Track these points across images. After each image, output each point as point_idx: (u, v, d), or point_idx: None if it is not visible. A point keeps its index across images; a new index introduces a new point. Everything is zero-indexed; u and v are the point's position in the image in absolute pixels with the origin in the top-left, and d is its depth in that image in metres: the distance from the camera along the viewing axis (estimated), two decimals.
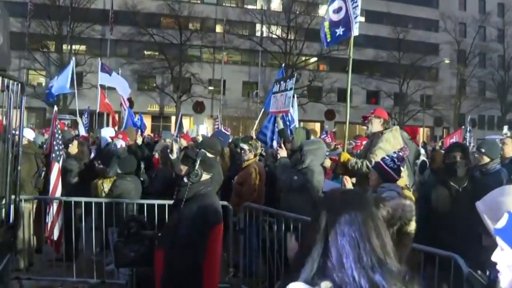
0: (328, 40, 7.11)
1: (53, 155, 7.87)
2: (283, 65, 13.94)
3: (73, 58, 17.65)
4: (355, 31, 6.83)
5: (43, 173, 8.07)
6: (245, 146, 7.97)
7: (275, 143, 9.92)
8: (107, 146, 10.02)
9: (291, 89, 9.11)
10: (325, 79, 50.61)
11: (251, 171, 7.86)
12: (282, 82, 9.44)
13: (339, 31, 6.98)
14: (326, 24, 7.14)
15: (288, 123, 10.08)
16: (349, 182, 5.54)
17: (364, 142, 8.25)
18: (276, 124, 9.38)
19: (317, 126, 45.45)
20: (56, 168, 7.82)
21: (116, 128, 13.88)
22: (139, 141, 11.37)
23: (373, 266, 1.60)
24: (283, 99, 8.96)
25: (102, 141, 10.69)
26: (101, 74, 16.21)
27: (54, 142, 7.93)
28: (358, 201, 1.81)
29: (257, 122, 14.43)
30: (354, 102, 46.15)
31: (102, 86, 16.57)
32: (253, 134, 10.83)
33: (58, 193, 7.79)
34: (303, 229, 5.84)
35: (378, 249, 1.66)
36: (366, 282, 1.57)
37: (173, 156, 5.20)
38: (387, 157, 5.07)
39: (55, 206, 7.69)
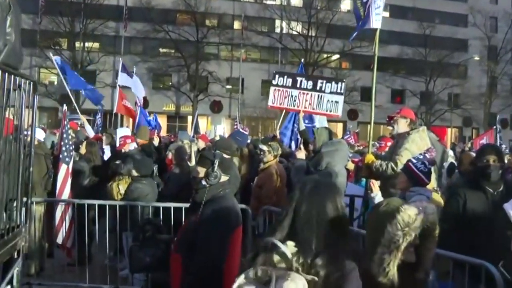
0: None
1: (61, 156, 7.88)
2: (302, 60, 13.92)
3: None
4: (375, 24, 6.76)
5: (52, 174, 8.08)
6: (264, 147, 7.97)
7: (293, 144, 10.05)
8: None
9: (340, 94, 8.80)
10: (347, 77, 47.54)
11: (271, 173, 7.87)
12: (303, 80, 9.05)
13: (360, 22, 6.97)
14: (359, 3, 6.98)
15: (307, 122, 10.06)
16: (375, 186, 5.51)
17: (389, 144, 8.23)
18: (295, 124, 9.45)
19: (339, 127, 45.65)
20: (63, 169, 7.82)
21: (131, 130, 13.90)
22: (156, 142, 11.42)
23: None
24: (312, 99, 8.74)
25: (118, 141, 10.69)
26: (122, 75, 16.25)
27: (62, 143, 7.93)
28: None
29: (280, 120, 14.23)
30: (378, 101, 42.82)
31: (121, 87, 16.52)
32: (277, 133, 10.98)
33: (65, 195, 7.80)
34: None
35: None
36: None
37: (192, 162, 5.12)
38: (416, 160, 5.04)
39: (60, 209, 7.69)
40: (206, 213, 4.03)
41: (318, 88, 8.94)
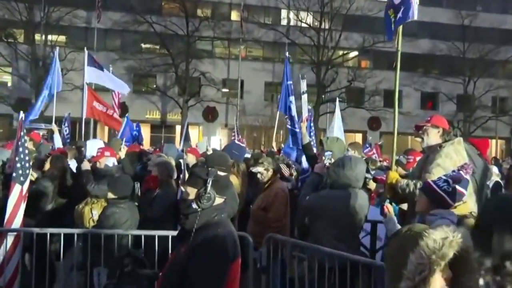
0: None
1: (14, 174, 7.53)
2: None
3: (57, 49, 17.39)
4: (414, 14, 6.56)
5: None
6: (259, 169, 8.26)
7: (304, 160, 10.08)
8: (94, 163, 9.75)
9: (303, 92, 9.94)
10: (368, 79, 50.67)
11: (277, 191, 8.09)
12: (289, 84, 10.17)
13: (399, 14, 6.71)
14: (391, 12, 6.84)
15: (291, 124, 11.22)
16: (390, 211, 5.68)
17: (418, 158, 8.30)
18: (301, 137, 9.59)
19: (357, 138, 46.72)
20: (16, 191, 7.47)
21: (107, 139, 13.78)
22: (123, 154, 11.51)
23: None
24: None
25: (88, 154, 10.62)
26: (89, 69, 15.85)
27: (17, 158, 7.58)
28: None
29: (275, 129, 14.77)
30: (405, 107, 47.11)
31: (90, 85, 16.17)
32: (274, 146, 11.65)
33: (16, 223, 7.47)
34: (341, 268, 5.86)
35: None
36: None
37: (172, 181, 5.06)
38: (439, 178, 5.10)
39: (9, 240, 7.39)
40: (197, 243, 4.03)
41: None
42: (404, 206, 6.83)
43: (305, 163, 9.71)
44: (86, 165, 9.11)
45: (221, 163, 6.76)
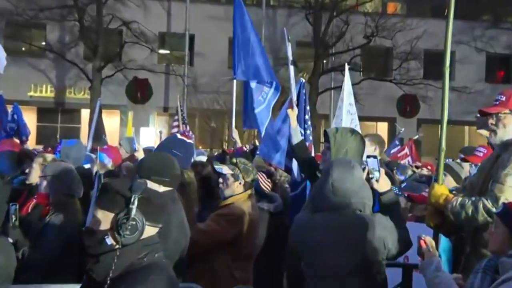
0: None
1: None
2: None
3: None
4: None
5: None
6: (225, 170, 8.69)
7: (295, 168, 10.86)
8: None
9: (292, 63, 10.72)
10: (398, 33, 50.69)
11: (239, 215, 8.53)
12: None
13: None
14: None
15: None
16: (432, 248, 6.10)
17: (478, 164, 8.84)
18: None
19: (381, 129, 48.80)
20: None
21: None
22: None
23: None
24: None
25: None
26: None
27: None
28: None
29: (233, 116, 14.77)
30: (461, 79, 47.75)
31: None
32: (257, 141, 10.76)
33: None
34: None
35: None
36: None
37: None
38: None
39: None
40: None
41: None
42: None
43: (296, 173, 10.39)
44: None
45: (159, 171, 6.98)
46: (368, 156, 7.42)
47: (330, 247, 6.73)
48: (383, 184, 7.13)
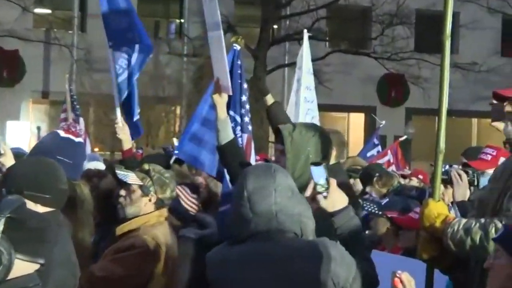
0: None
1: None
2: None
3: None
4: None
5: None
6: (131, 178, 8.62)
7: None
8: None
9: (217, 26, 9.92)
10: None
11: (150, 248, 8.39)
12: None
13: None
14: None
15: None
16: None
17: (501, 161, 8.72)
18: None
19: (356, 121, 49.62)
20: None
21: None
22: None
23: None
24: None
25: None
26: None
27: None
28: None
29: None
30: (466, 52, 46.13)
31: None
32: (175, 141, 14.18)
33: None
34: None
35: None
36: None
37: None
38: None
39: None
40: None
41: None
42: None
43: (228, 183, 10.33)
44: None
45: (38, 185, 6.30)
46: (312, 163, 6.62)
47: None
48: (335, 201, 6.39)
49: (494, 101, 7.06)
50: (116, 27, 12.84)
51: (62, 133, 10.13)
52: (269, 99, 10.50)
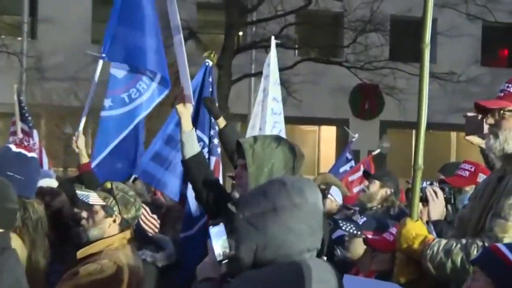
0: None
1: None
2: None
3: None
4: None
5: None
6: (92, 198, 8.60)
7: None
8: None
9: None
10: None
11: (114, 273, 8.17)
12: None
13: None
14: None
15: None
16: None
17: (480, 178, 9.18)
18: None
19: (327, 134, 48.92)
20: None
21: None
22: None
23: None
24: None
25: None
26: None
27: None
28: None
29: (85, 111, 13.09)
30: (444, 61, 44.12)
31: None
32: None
33: None
34: None
35: None
36: None
37: None
38: None
39: None
40: None
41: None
42: None
43: (191, 203, 10.86)
44: None
45: None
46: (211, 224, 5.81)
47: None
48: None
49: (469, 114, 7.28)
50: (132, 39, 12.43)
51: (13, 148, 10.19)
52: (221, 122, 10.39)
